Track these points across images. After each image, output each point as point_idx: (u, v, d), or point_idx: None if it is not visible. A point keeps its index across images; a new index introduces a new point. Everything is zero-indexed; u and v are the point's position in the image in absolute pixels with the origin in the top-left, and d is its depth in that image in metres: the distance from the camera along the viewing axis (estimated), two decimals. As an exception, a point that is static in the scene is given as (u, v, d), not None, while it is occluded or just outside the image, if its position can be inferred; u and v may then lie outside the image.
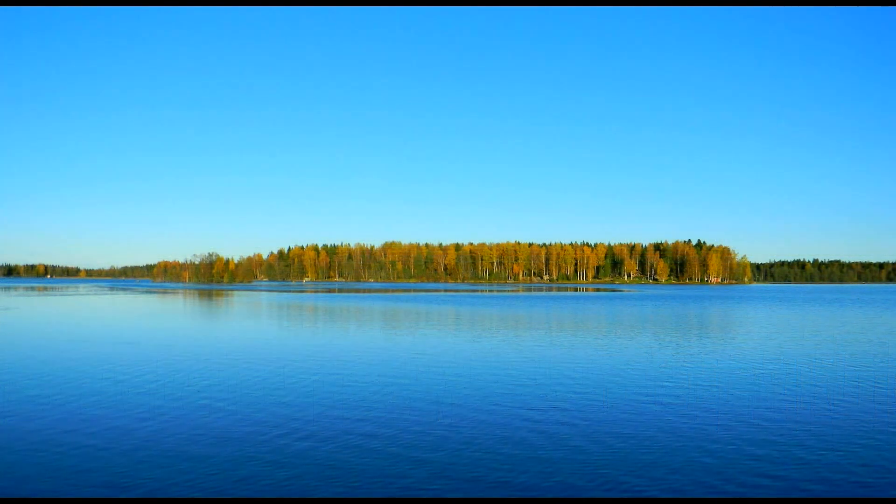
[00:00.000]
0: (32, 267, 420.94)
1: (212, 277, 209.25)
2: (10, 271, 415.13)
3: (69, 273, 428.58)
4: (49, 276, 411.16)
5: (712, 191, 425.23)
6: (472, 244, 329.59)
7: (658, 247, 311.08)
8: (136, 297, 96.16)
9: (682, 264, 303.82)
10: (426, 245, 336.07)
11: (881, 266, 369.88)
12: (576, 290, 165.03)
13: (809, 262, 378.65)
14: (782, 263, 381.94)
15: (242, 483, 10.13)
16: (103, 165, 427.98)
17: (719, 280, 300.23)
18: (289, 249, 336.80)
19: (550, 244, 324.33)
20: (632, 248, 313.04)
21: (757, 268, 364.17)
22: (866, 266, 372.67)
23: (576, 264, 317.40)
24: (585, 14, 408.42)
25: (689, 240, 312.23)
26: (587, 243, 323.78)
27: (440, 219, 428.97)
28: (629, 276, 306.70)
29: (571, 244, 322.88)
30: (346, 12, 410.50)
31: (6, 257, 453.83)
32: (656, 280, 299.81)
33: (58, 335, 34.10)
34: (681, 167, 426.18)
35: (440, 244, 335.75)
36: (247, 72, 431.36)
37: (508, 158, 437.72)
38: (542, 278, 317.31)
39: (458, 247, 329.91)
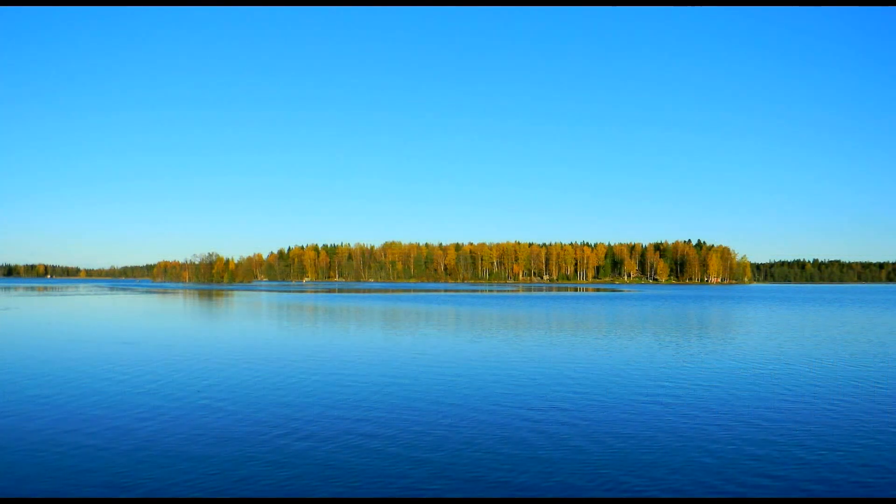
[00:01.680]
0: (32, 267, 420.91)
1: (212, 277, 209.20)
2: (10, 271, 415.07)
3: (69, 273, 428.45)
4: (49, 276, 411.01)
5: (712, 191, 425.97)
6: (472, 244, 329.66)
7: (658, 247, 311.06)
8: (136, 297, 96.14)
9: (682, 264, 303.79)
10: (426, 245, 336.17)
11: (881, 266, 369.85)
12: (576, 290, 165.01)
13: (809, 262, 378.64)
14: (782, 263, 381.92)
15: (242, 483, 10.14)
16: (103, 165, 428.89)
17: (719, 280, 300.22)
18: (289, 249, 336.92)
19: (550, 244, 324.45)
20: (632, 248, 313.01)
21: (757, 268, 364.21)
22: (866, 266, 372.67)
23: (576, 264, 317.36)
24: (585, 14, 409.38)
25: (689, 240, 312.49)
26: (587, 243, 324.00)
27: (440, 219, 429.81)
28: (629, 276, 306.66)
29: (571, 244, 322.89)
30: (346, 12, 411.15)
31: (6, 257, 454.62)
32: (656, 280, 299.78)
33: (58, 335, 34.09)
34: (681, 167, 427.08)
35: (440, 244, 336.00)
36: (247, 72, 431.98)
37: (508, 158, 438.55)
38: (542, 278, 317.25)
39: (458, 247, 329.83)
